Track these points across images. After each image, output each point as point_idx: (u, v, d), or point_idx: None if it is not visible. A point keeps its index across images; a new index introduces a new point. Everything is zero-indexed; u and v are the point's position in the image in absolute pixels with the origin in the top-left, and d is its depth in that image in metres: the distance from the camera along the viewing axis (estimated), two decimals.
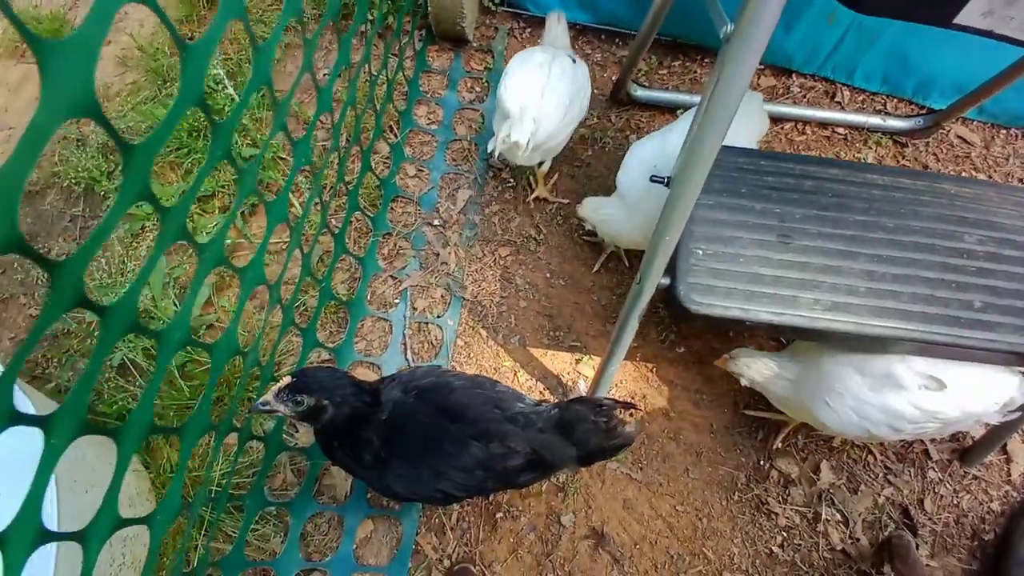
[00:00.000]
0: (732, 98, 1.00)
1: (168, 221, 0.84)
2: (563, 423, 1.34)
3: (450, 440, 1.30)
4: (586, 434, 1.32)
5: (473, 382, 1.40)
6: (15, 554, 0.77)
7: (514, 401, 1.38)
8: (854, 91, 2.35)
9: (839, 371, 1.42)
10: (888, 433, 1.43)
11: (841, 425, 1.45)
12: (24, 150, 0.57)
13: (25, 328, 1.93)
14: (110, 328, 0.79)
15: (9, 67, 2.47)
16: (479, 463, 1.31)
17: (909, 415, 1.39)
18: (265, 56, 0.99)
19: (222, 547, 1.55)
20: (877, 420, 1.40)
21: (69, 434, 0.77)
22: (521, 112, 1.73)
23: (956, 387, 1.38)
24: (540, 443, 1.32)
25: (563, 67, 1.84)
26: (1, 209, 0.57)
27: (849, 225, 1.42)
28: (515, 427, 1.32)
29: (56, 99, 0.58)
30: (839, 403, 1.42)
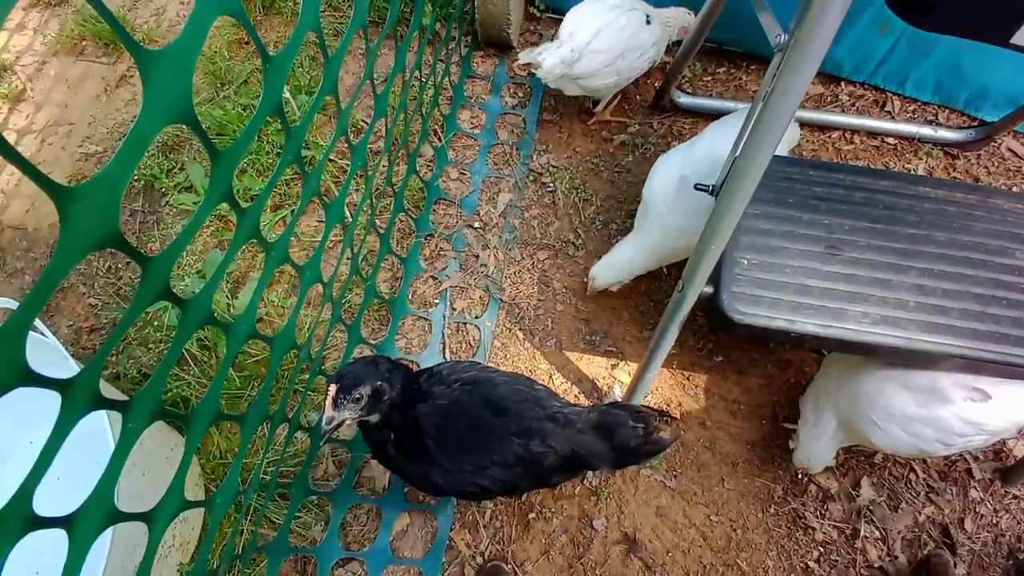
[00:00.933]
0: (787, 109, 1.00)
1: (243, 221, 0.89)
2: (603, 426, 1.35)
3: (493, 435, 1.32)
4: (625, 438, 1.34)
5: (514, 378, 1.42)
6: (85, 532, 0.79)
7: (552, 400, 1.40)
8: (905, 100, 2.30)
9: (884, 388, 1.40)
10: (939, 448, 1.41)
11: (894, 445, 1.43)
12: (126, 154, 0.62)
13: (84, 316, 2.03)
14: (189, 320, 0.84)
15: (68, 64, 2.58)
16: (519, 460, 1.33)
17: (959, 429, 1.37)
18: (334, 65, 1.03)
19: (267, 533, 1.61)
20: (927, 436, 1.38)
21: (146, 418, 0.82)
22: (567, 38, 1.77)
23: (1000, 397, 1.35)
24: (579, 443, 1.34)
25: (632, 20, 1.88)
26: (105, 209, 0.61)
27: (900, 238, 1.40)
28: (555, 426, 1.34)
29: (157, 106, 0.62)
30: (887, 422, 1.40)
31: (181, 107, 0.65)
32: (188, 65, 0.64)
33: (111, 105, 2.45)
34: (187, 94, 0.65)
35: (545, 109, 2.34)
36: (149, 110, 0.62)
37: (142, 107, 0.63)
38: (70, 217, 0.55)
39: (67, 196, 0.54)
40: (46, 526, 0.70)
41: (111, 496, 0.84)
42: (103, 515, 0.82)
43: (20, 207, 2.25)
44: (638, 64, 1.98)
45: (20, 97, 2.48)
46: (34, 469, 0.65)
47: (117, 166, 0.61)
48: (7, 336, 0.57)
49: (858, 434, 1.49)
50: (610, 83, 2.00)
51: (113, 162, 0.62)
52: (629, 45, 1.88)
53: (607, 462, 1.37)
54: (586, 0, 1.90)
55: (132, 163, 0.62)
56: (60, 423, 0.66)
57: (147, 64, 0.62)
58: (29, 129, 2.41)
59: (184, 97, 0.65)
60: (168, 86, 0.63)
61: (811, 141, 2.25)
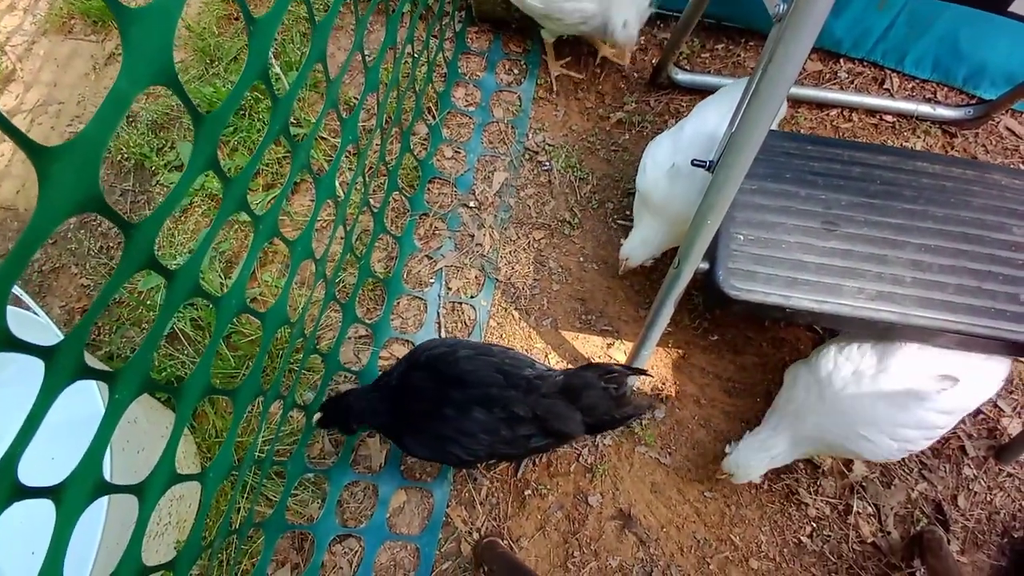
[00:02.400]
0: (784, 81, 0.98)
1: (230, 192, 0.87)
2: (569, 388, 1.35)
3: (453, 406, 1.35)
4: (593, 400, 1.33)
5: (481, 349, 1.44)
6: (72, 504, 0.77)
7: (522, 367, 1.39)
8: (903, 78, 2.28)
9: (863, 402, 1.38)
10: (924, 444, 1.43)
11: (885, 454, 1.42)
12: (106, 114, 0.60)
13: (76, 297, 2.02)
14: (176, 291, 0.83)
15: (57, 43, 2.53)
16: (484, 428, 1.35)
17: (941, 422, 1.39)
18: (322, 33, 1.01)
19: (263, 511, 1.61)
20: (914, 438, 1.39)
21: (133, 389, 0.81)
22: None
23: (967, 377, 1.37)
24: (544, 408, 1.34)
25: None
26: (84, 169, 0.59)
27: (897, 214, 1.39)
28: (518, 392, 1.34)
29: (137, 66, 0.60)
30: (875, 433, 1.39)
31: (162, 67, 0.63)
32: (169, 24, 0.62)
33: (100, 83, 2.41)
34: (168, 54, 0.63)
35: (541, 87, 2.31)
36: (129, 69, 0.60)
37: (122, 66, 0.61)
38: (49, 178, 0.54)
39: (46, 156, 0.53)
40: (32, 496, 0.69)
41: (99, 467, 0.83)
42: (91, 486, 0.81)
43: (10, 187, 2.22)
44: (566, 7, 1.93)
45: (10, 77, 2.44)
46: (18, 437, 0.64)
47: (96, 126, 0.60)
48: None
49: (845, 451, 1.48)
50: (538, 6, 1.97)
51: (92, 123, 0.60)
52: None
53: (578, 426, 1.36)
54: None
55: (112, 124, 0.61)
56: (44, 390, 0.65)
57: (127, 22, 0.60)
58: (19, 109, 2.38)
59: (165, 57, 0.63)
60: (148, 45, 0.61)
61: (809, 119, 2.23)
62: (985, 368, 1.41)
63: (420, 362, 1.44)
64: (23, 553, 1.47)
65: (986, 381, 1.41)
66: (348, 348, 1.86)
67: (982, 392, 1.41)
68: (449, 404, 1.37)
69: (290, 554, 1.62)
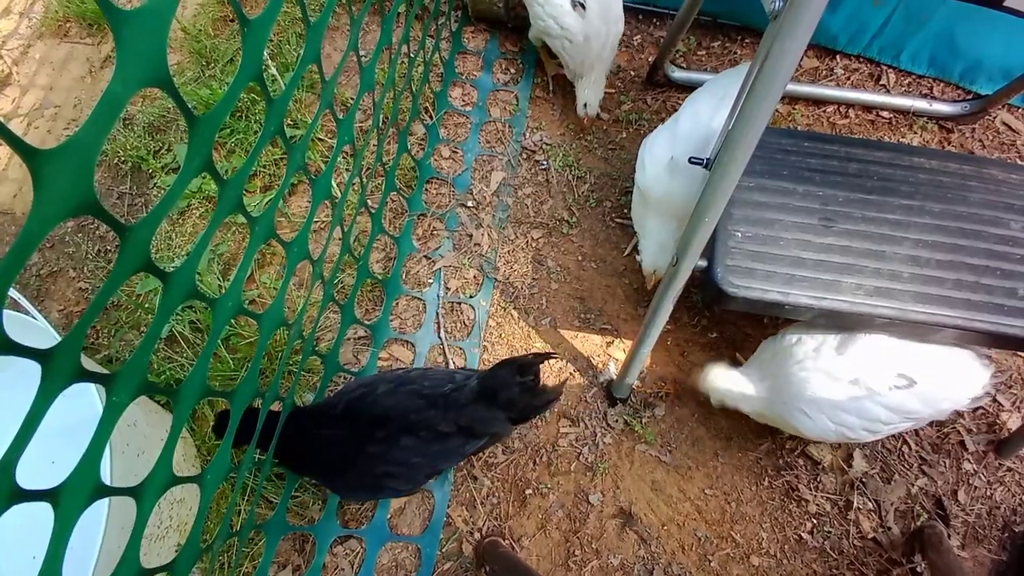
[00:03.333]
0: (780, 78, 0.98)
1: (226, 194, 0.87)
2: (486, 391, 1.37)
3: (378, 443, 1.36)
4: (511, 395, 1.35)
5: (401, 379, 1.44)
6: (70, 507, 0.77)
7: (441, 385, 1.40)
8: (900, 74, 2.28)
9: (811, 378, 1.41)
10: (865, 435, 1.43)
11: (820, 432, 1.44)
12: (100, 116, 0.60)
13: (75, 300, 2.02)
14: (172, 293, 0.82)
15: (53, 46, 2.53)
16: (415, 452, 1.36)
17: (884, 416, 1.39)
18: (317, 32, 1.01)
19: (264, 513, 1.61)
20: (853, 424, 1.40)
21: (131, 392, 0.81)
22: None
23: (925, 383, 1.37)
24: (466, 418, 1.35)
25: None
26: (79, 172, 0.59)
27: (894, 209, 1.40)
28: (437, 411, 1.36)
29: (131, 68, 0.60)
30: (815, 411, 1.41)
31: (155, 69, 0.63)
32: (162, 25, 0.62)
33: (96, 86, 2.41)
34: (162, 56, 0.63)
35: (538, 86, 2.32)
36: (122, 71, 0.60)
37: (116, 68, 0.61)
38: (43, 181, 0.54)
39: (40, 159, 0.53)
40: (30, 499, 0.69)
41: (97, 470, 0.83)
42: (90, 489, 0.81)
43: (7, 192, 2.22)
44: (547, 23, 1.98)
45: (6, 81, 2.44)
46: (15, 441, 0.64)
47: (90, 129, 0.59)
48: None
49: (783, 422, 1.51)
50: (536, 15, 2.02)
51: (86, 125, 0.60)
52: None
53: (503, 424, 1.38)
54: None
55: (106, 126, 0.60)
56: (41, 394, 0.65)
57: (120, 24, 0.60)
58: (15, 113, 2.38)
59: (159, 58, 0.63)
60: (142, 47, 0.61)
61: (806, 115, 2.24)
62: (952, 381, 1.39)
63: (337, 413, 1.42)
64: (24, 557, 1.47)
65: (948, 394, 1.39)
66: (347, 349, 1.86)
67: (941, 403, 1.39)
68: (373, 442, 1.38)
69: (291, 556, 1.62)
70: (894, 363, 1.38)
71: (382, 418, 1.37)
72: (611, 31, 1.96)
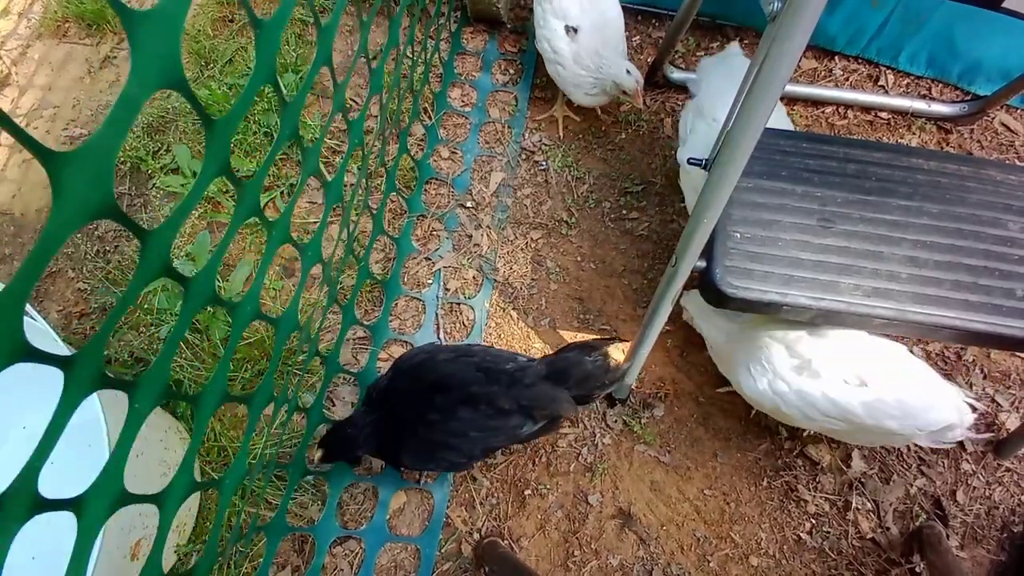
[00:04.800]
0: (779, 79, 0.98)
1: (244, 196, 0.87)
2: (556, 371, 1.43)
3: (438, 411, 1.40)
4: (584, 375, 1.42)
5: (461, 351, 1.49)
6: (94, 514, 0.77)
7: (503, 363, 1.45)
8: (898, 74, 2.29)
9: (770, 344, 1.44)
10: (798, 416, 1.43)
11: (756, 394, 1.47)
12: (117, 119, 0.59)
13: (74, 301, 2.01)
14: (192, 299, 0.82)
15: (52, 46, 2.53)
16: (473, 425, 1.40)
17: (821, 405, 1.38)
18: (327, 35, 1.01)
19: (265, 514, 1.61)
20: (789, 400, 1.41)
21: (152, 398, 0.81)
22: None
23: (879, 393, 1.34)
24: (528, 398, 1.40)
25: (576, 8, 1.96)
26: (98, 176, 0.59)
27: (892, 210, 1.40)
28: (500, 387, 1.40)
29: (145, 70, 0.60)
30: (760, 373, 1.45)
31: (170, 70, 0.62)
32: (176, 26, 0.62)
33: (95, 87, 2.41)
34: (176, 57, 0.63)
35: (536, 86, 2.32)
36: (138, 73, 0.60)
37: (131, 70, 0.61)
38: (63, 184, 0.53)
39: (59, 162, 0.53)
40: (53, 508, 0.68)
41: (120, 478, 0.82)
42: (113, 497, 0.80)
43: (6, 192, 2.22)
44: (543, 45, 2.01)
45: (5, 81, 2.44)
46: (38, 449, 0.62)
47: (108, 131, 0.59)
48: (4, 308, 0.55)
49: (729, 370, 1.57)
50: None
51: (104, 127, 0.60)
52: (545, 19, 1.96)
53: (570, 405, 1.43)
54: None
55: (123, 128, 0.60)
56: (64, 402, 0.64)
57: (134, 26, 0.60)
58: (14, 113, 2.37)
59: (173, 60, 0.62)
60: (156, 48, 0.61)
61: (804, 116, 2.24)
62: (908, 404, 1.35)
63: (402, 371, 1.50)
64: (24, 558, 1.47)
65: (896, 413, 1.35)
66: (347, 350, 1.86)
67: (884, 418, 1.35)
68: (433, 409, 1.42)
69: (291, 556, 1.62)
70: (857, 364, 1.38)
71: (441, 385, 1.42)
72: (610, 45, 1.94)
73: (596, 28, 1.93)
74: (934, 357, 1.87)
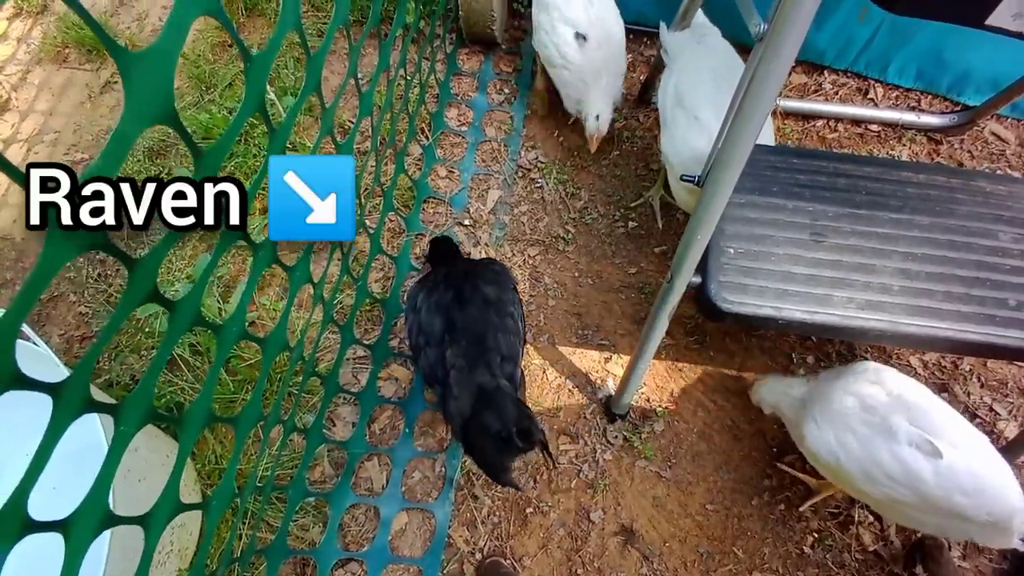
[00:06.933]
0: (766, 98, 1.01)
1: None
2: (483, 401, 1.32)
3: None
4: (496, 427, 1.28)
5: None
6: (81, 536, 0.79)
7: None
8: (887, 87, 2.32)
9: (843, 398, 1.38)
10: (857, 472, 1.34)
11: (816, 443, 1.39)
12: (110, 156, 0.62)
13: (75, 325, 2.02)
14: (177, 322, 0.84)
15: (52, 72, 2.56)
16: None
17: (886, 466, 1.29)
18: (316, 63, 1.03)
19: (265, 536, 1.61)
20: (852, 454, 1.33)
21: (138, 421, 0.82)
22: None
23: (954, 465, 1.25)
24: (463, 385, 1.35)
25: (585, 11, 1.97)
26: None
27: (883, 223, 1.42)
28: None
29: (138, 108, 0.62)
30: (826, 422, 1.38)
31: (163, 108, 0.65)
32: (169, 66, 0.64)
33: (96, 112, 2.44)
34: (169, 95, 0.65)
35: (532, 105, 2.35)
36: (131, 112, 0.62)
37: (124, 109, 0.63)
38: None
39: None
40: (42, 530, 0.70)
41: (106, 500, 0.84)
42: (98, 519, 0.82)
43: (7, 217, 2.23)
44: (550, 51, 2.02)
45: (5, 107, 2.47)
46: (28, 473, 0.65)
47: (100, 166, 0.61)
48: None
49: (795, 427, 1.49)
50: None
51: (95, 164, 0.62)
52: (553, 25, 1.98)
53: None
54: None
55: (115, 165, 0.63)
56: (52, 427, 0.67)
57: (128, 66, 0.62)
58: (15, 138, 2.40)
59: (166, 98, 0.65)
60: (149, 88, 0.63)
61: (795, 130, 2.27)
62: (983, 484, 1.25)
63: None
64: None
65: (971, 489, 1.25)
66: (347, 370, 1.87)
67: (954, 493, 1.25)
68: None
69: None
70: (934, 431, 1.28)
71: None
72: (609, 67, 1.97)
73: (600, 44, 1.96)
74: (931, 367, 1.88)
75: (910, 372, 1.85)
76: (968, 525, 1.30)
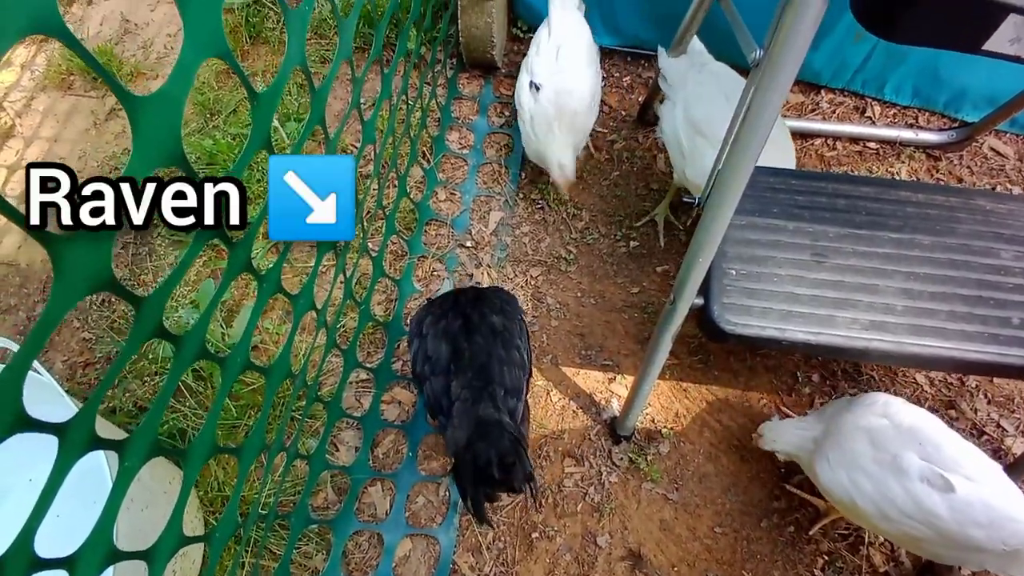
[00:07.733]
0: (763, 124, 1.02)
1: (235, 253, 0.90)
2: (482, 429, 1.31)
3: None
4: (483, 459, 1.27)
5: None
6: (86, 573, 0.79)
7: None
8: (885, 105, 2.34)
9: (854, 435, 1.36)
10: (873, 513, 1.33)
11: (831, 483, 1.38)
12: None
13: (79, 351, 2.03)
14: (182, 356, 0.84)
15: (57, 99, 2.59)
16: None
17: (900, 503, 1.28)
18: (321, 96, 1.05)
19: (268, 565, 1.59)
20: (865, 492, 1.32)
21: (142, 456, 0.82)
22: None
23: (967, 498, 1.23)
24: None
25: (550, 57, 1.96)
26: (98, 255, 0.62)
27: (884, 243, 1.42)
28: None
29: (146, 151, 0.63)
30: (838, 461, 1.36)
31: (171, 150, 0.66)
32: (176, 109, 0.65)
33: (101, 139, 2.47)
34: (176, 137, 0.66)
35: None
36: (139, 154, 0.63)
37: (132, 151, 0.64)
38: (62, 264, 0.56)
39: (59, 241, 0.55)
40: (48, 567, 0.70)
41: (110, 536, 0.84)
42: (103, 555, 0.82)
43: (12, 243, 2.25)
44: (516, 96, 2.04)
45: (9, 133, 2.49)
46: (34, 511, 0.65)
47: None
48: (3, 384, 0.57)
49: (808, 465, 1.47)
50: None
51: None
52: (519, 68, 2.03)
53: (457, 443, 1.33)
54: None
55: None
56: (58, 466, 0.67)
57: (135, 109, 0.63)
58: (19, 165, 2.43)
59: (173, 140, 0.66)
60: (157, 131, 0.64)
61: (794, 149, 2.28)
62: (995, 515, 1.23)
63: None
64: None
65: (984, 521, 1.23)
66: (350, 393, 1.87)
67: (969, 526, 1.23)
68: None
69: None
70: (945, 464, 1.26)
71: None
72: (563, 119, 1.91)
73: (555, 96, 1.89)
74: (937, 383, 1.87)
75: (916, 389, 1.84)
76: (984, 556, 1.28)
